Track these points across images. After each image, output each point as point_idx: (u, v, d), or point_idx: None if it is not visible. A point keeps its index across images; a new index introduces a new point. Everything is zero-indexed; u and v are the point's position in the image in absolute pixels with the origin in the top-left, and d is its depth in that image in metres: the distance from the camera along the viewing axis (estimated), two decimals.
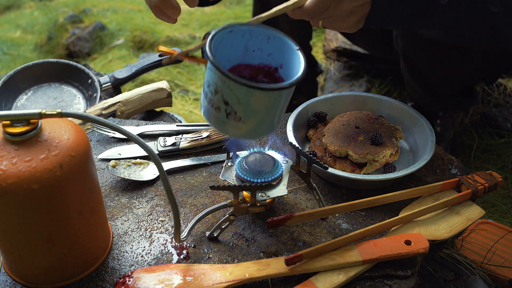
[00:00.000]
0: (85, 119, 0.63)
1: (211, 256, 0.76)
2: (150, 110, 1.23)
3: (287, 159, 0.81)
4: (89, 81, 1.29)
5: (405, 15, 0.88)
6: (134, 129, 1.04)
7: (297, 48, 0.70)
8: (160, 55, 1.34)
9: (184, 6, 0.91)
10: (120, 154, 0.97)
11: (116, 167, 0.91)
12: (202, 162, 0.95)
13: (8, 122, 0.61)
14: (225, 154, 0.87)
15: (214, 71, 0.65)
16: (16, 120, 0.61)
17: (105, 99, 1.24)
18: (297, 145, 0.88)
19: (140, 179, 0.90)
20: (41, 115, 0.60)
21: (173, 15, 0.88)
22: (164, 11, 0.88)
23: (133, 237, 0.79)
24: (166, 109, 1.42)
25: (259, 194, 0.75)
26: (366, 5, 0.84)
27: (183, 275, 0.70)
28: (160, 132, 1.04)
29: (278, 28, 0.73)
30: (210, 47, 0.64)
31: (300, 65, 0.68)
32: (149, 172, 0.92)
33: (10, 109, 1.27)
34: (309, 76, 1.87)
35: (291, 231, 0.80)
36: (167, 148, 0.97)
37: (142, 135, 1.04)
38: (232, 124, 0.67)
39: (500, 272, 1.01)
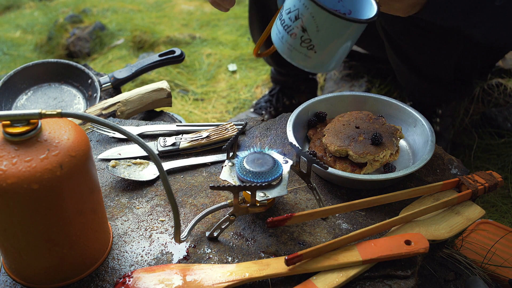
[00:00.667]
0: (85, 119, 0.63)
1: (211, 256, 0.76)
2: (150, 110, 1.23)
3: (287, 159, 0.81)
4: (89, 81, 1.29)
5: (458, 12, 0.90)
6: (134, 129, 1.04)
7: None
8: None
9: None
10: (120, 154, 0.97)
11: (116, 167, 0.91)
12: (202, 162, 0.95)
13: (8, 122, 0.61)
14: (225, 154, 0.87)
15: None
16: (16, 120, 0.61)
17: (105, 99, 1.24)
18: (297, 145, 0.88)
19: (140, 179, 0.90)
20: (41, 115, 0.60)
21: (227, 6, 0.92)
22: (220, 3, 0.91)
23: (133, 237, 0.79)
24: (166, 109, 1.42)
25: (259, 194, 0.75)
26: None
27: (183, 275, 0.70)
28: (160, 132, 1.04)
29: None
30: None
31: (372, 10, 0.72)
32: (149, 172, 0.92)
33: (10, 109, 1.27)
34: (308, 74, 1.88)
35: (291, 231, 0.80)
36: (167, 148, 0.97)
37: (142, 135, 1.04)
38: (303, 52, 0.71)
39: (500, 272, 1.01)
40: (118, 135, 1.03)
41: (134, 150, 0.98)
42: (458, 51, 1.35)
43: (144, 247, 0.77)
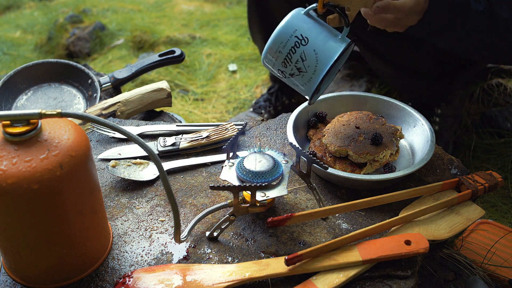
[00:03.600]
0: (85, 119, 0.63)
1: (211, 256, 0.76)
2: (150, 110, 1.23)
3: (287, 159, 0.81)
4: (89, 81, 1.29)
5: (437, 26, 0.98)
6: (134, 129, 1.04)
7: None
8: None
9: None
10: (120, 154, 0.97)
11: (116, 167, 0.91)
12: (202, 162, 0.95)
13: (8, 122, 0.61)
14: (225, 154, 0.87)
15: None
16: (16, 120, 0.61)
17: (105, 99, 1.24)
18: (297, 145, 0.88)
19: (140, 179, 0.90)
20: (41, 115, 0.60)
21: None
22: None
23: (133, 237, 0.79)
24: (166, 109, 1.42)
25: (259, 194, 0.75)
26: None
27: (183, 275, 0.70)
28: (160, 132, 1.04)
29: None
30: None
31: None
32: (149, 172, 0.92)
33: (10, 109, 1.27)
34: None
35: (291, 231, 0.80)
36: (167, 148, 0.97)
37: (142, 135, 1.04)
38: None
39: (500, 272, 1.01)
40: (118, 135, 1.03)
41: (134, 150, 0.98)
42: (431, 47, 1.36)
43: (144, 247, 0.77)
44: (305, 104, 1.02)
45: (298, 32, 0.80)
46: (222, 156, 0.96)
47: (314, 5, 0.82)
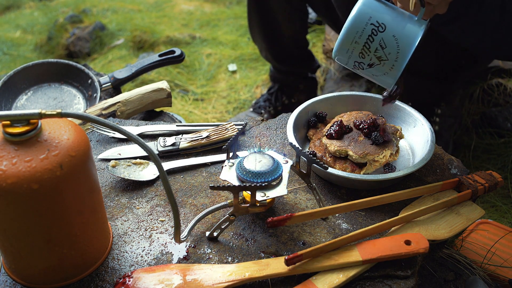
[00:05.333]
0: (85, 119, 0.63)
1: (211, 256, 0.76)
2: (150, 110, 1.23)
3: (287, 159, 0.81)
4: (89, 81, 1.29)
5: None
6: (134, 129, 1.04)
7: None
8: None
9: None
10: (120, 154, 0.97)
11: (116, 167, 0.91)
12: (202, 162, 0.95)
13: (8, 122, 0.61)
14: (225, 154, 0.87)
15: None
16: (16, 120, 0.61)
17: (105, 99, 1.24)
18: (297, 145, 0.88)
19: (140, 179, 0.90)
20: (41, 115, 0.60)
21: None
22: None
23: (133, 237, 0.79)
24: (166, 109, 1.42)
25: (259, 194, 0.75)
26: None
27: (183, 275, 0.70)
28: (160, 132, 1.04)
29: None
30: None
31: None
32: (149, 172, 0.92)
33: (10, 109, 1.27)
34: (307, 73, 1.88)
35: (291, 231, 0.80)
36: (167, 148, 0.97)
37: (142, 135, 1.04)
38: None
39: (500, 272, 1.01)
40: (118, 135, 1.03)
41: (134, 150, 0.98)
42: (433, 43, 1.36)
43: (144, 247, 0.77)
44: (305, 104, 1.02)
45: (373, 19, 0.78)
46: (222, 156, 0.96)
47: None
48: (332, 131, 0.92)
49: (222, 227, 0.77)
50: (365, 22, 0.78)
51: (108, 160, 0.96)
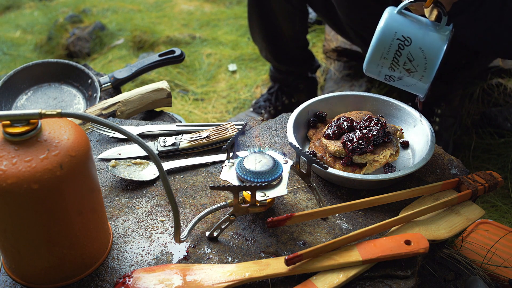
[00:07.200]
0: (85, 119, 0.63)
1: (211, 256, 0.76)
2: (150, 110, 1.23)
3: (287, 159, 0.81)
4: (89, 81, 1.29)
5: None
6: (134, 129, 1.04)
7: None
8: None
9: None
10: (120, 154, 0.97)
11: (116, 167, 0.91)
12: (202, 162, 0.95)
13: (8, 122, 0.61)
14: (225, 154, 0.87)
15: None
16: (16, 120, 0.61)
17: (105, 99, 1.24)
18: (297, 145, 0.88)
19: (140, 179, 0.90)
20: (41, 115, 0.60)
21: None
22: None
23: (133, 237, 0.79)
24: (166, 109, 1.42)
25: (259, 194, 0.75)
26: None
27: (183, 275, 0.70)
28: (160, 132, 1.04)
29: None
30: None
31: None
32: (149, 172, 0.92)
33: (10, 109, 1.27)
34: (307, 73, 1.88)
35: (291, 231, 0.80)
36: (167, 148, 0.97)
37: (142, 135, 1.04)
38: None
39: (500, 272, 1.01)
40: (118, 135, 1.03)
41: (134, 150, 0.98)
42: None
43: (144, 247, 0.77)
44: (305, 104, 1.02)
45: (398, 34, 0.80)
46: (222, 156, 0.96)
47: (406, 1, 0.81)
48: (334, 129, 0.92)
49: (222, 227, 0.77)
50: (391, 38, 0.81)
51: (108, 160, 0.96)
